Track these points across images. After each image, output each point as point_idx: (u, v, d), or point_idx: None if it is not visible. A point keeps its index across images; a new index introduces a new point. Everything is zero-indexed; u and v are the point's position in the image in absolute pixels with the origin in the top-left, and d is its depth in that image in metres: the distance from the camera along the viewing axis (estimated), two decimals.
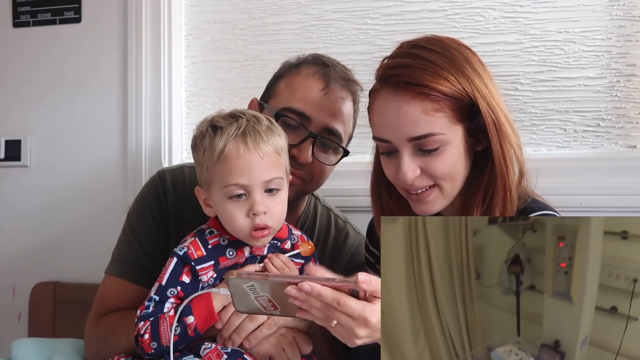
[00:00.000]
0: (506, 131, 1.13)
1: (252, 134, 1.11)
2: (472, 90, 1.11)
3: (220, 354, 1.10)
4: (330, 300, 0.93)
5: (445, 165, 1.13)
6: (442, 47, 1.13)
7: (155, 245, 1.35)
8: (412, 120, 1.10)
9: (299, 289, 0.93)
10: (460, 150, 1.14)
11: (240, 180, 1.10)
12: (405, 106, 1.11)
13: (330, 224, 1.50)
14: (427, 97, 1.09)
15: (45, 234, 2.00)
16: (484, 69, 1.16)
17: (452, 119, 1.11)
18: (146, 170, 1.90)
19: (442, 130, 1.11)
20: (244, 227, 1.11)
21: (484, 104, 1.12)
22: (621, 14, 1.65)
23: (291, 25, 1.88)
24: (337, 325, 0.95)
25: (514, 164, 1.15)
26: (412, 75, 1.10)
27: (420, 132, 1.11)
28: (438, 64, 1.10)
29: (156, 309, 1.12)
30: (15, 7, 2.03)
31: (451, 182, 1.15)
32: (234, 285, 0.96)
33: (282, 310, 0.98)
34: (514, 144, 1.14)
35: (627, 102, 1.66)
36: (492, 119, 1.12)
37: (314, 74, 1.35)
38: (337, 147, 1.36)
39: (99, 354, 1.29)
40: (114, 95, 1.95)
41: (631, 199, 1.58)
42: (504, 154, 1.13)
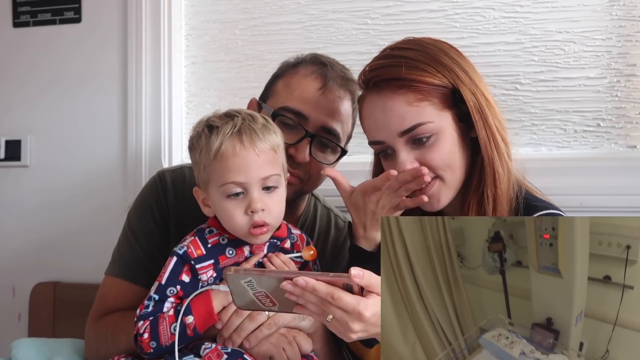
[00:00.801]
0: (488, 114, 1.15)
1: (248, 132, 1.11)
2: (452, 77, 1.14)
3: (221, 354, 1.10)
4: (325, 294, 0.94)
5: (441, 154, 1.15)
6: (418, 44, 1.18)
7: (155, 245, 1.35)
8: (398, 115, 1.14)
9: (294, 283, 0.94)
10: (455, 137, 1.16)
11: (237, 178, 1.10)
12: (390, 102, 1.14)
13: (330, 224, 1.50)
14: (408, 89, 1.13)
15: (45, 234, 2.00)
16: (463, 59, 1.18)
17: (439, 106, 1.14)
18: (146, 170, 1.90)
19: (430, 119, 1.13)
20: (243, 225, 1.11)
21: (466, 90, 1.14)
22: (621, 14, 1.65)
23: (291, 25, 1.88)
24: (332, 319, 0.95)
25: (500, 145, 1.16)
26: (390, 72, 1.14)
27: (408, 124, 1.14)
28: (414, 58, 1.14)
29: (155, 308, 1.12)
30: (15, 7, 2.03)
31: (451, 172, 1.17)
32: (232, 280, 0.97)
33: (280, 306, 0.99)
34: (499, 126, 1.16)
35: (627, 102, 1.66)
36: (474, 103, 1.14)
37: (312, 73, 1.35)
38: (335, 146, 1.36)
39: (99, 354, 1.29)
40: (114, 95, 1.96)
41: (631, 199, 1.58)
42: (488, 137, 1.15)
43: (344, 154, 1.39)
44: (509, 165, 1.17)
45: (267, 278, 0.95)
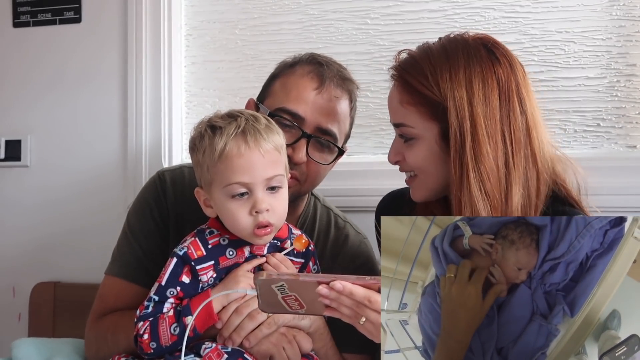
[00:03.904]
0: (467, 143, 1.10)
1: (252, 132, 1.11)
2: (446, 93, 1.12)
3: (221, 353, 1.10)
4: (362, 298, 0.95)
5: (415, 157, 1.19)
6: (454, 47, 1.16)
7: (155, 245, 1.35)
8: (393, 107, 1.22)
9: (330, 287, 0.95)
10: (434, 149, 1.16)
11: (242, 178, 1.10)
12: (393, 93, 1.22)
13: (330, 224, 1.50)
14: (405, 90, 1.16)
15: (46, 234, 1.99)
16: (486, 85, 1.12)
17: (425, 115, 1.15)
18: (146, 170, 1.90)
19: (412, 124, 1.17)
20: (247, 226, 1.11)
21: (453, 111, 1.11)
22: (621, 14, 1.65)
23: (291, 25, 1.88)
24: (365, 322, 0.97)
25: (470, 178, 1.11)
26: (404, 67, 1.18)
27: (395, 119, 1.21)
28: (431, 62, 1.15)
29: (155, 309, 1.12)
30: (15, 7, 2.03)
31: (424, 176, 1.20)
32: (263, 285, 0.97)
33: (307, 309, 0.99)
34: (479, 157, 1.11)
35: (627, 102, 1.66)
36: (456, 127, 1.11)
37: (308, 73, 1.35)
38: (333, 146, 1.36)
39: (99, 354, 1.29)
40: (114, 95, 1.95)
41: (631, 199, 1.58)
42: (456, 164, 1.12)
43: (342, 154, 1.39)
44: (474, 197, 1.11)
45: (301, 282, 0.96)
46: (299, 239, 1.23)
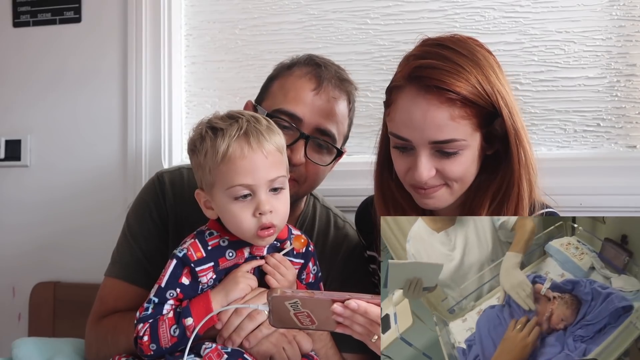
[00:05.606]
0: (524, 139, 1.16)
1: (255, 133, 1.11)
2: (496, 98, 1.12)
3: (221, 353, 1.10)
4: (376, 317, 0.96)
5: (460, 168, 1.15)
6: (469, 50, 1.14)
7: (155, 246, 1.35)
8: (438, 125, 1.11)
9: (345, 306, 0.96)
10: (475, 155, 1.16)
11: (246, 180, 1.10)
12: (434, 110, 1.10)
13: (330, 224, 1.50)
14: (454, 104, 1.10)
15: (45, 234, 2.00)
16: (502, 73, 1.17)
17: (475, 126, 1.12)
18: (146, 170, 1.90)
19: (464, 137, 1.12)
20: (251, 227, 1.11)
21: (507, 112, 1.13)
22: (621, 14, 1.65)
23: (291, 25, 1.88)
24: (377, 340, 0.97)
25: (530, 171, 1.16)
26: (444, 79, 1.09)
27: (443, 137, 1.11)
28: (467, 69, 1.11)
29: (155, 310, 1.12)
30: (15, 7, 2.03)
31: (461, 184, 1.18)
32: (276, 302, 0.98)
33: (319, 325, 1.00)
34: (530, 152, 1.17)
35: (627, 102, 1.66)
36: (513, 126, 1.14)
37: (306, 74, 1.34)
38: (331, 147, 1.36)
39: (99, 356, 1.29)
40: (114, 95, 1.95)
41: (631, 199, 1.58)
42: (520, 162, 1.15)
43: (341, 155, 1.39)
44: (533, 190, 1.17)
45: (315, 300, 0.97)
46: (297, 238, 1.22)
